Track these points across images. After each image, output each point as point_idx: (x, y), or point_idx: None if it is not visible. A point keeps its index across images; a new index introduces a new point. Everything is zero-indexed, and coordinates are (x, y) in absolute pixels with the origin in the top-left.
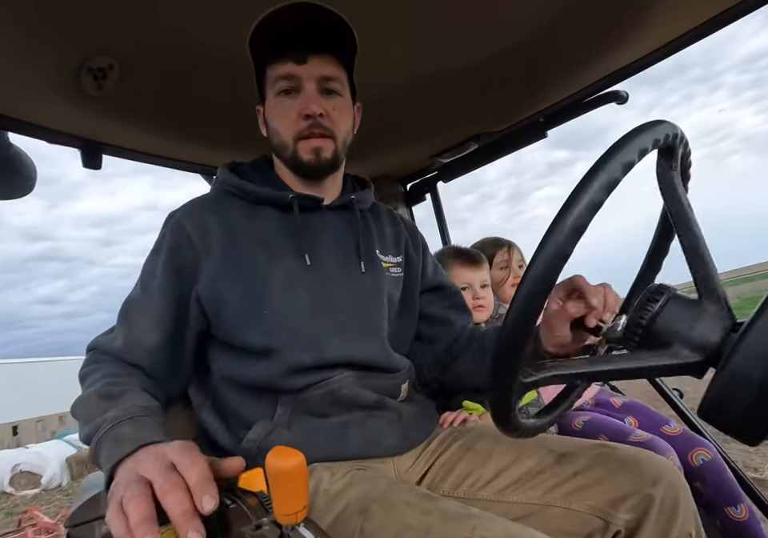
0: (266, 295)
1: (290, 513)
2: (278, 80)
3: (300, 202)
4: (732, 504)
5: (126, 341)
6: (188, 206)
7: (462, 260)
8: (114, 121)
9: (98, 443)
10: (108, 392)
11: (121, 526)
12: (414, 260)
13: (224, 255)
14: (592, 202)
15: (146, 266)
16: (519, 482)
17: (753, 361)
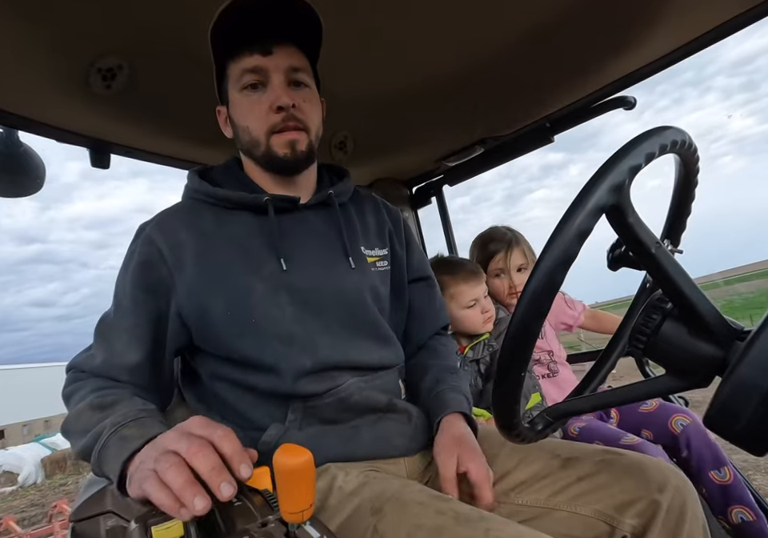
0: (250, 304)
1: (296, 511)
2: (244, 74)
3: (275, 203)
4: (716, 468)
5: (105, 360)
6: (158, 219)
7: (464, 276)
8: (122, 120)
9: (102, 450)
10: (100, 403)
11: (168, 497)
12: (399, 251)
13: (200, 266)
14: (597, 205)
15: (117, 284)
16: (524, 484)
17: (760, 370)
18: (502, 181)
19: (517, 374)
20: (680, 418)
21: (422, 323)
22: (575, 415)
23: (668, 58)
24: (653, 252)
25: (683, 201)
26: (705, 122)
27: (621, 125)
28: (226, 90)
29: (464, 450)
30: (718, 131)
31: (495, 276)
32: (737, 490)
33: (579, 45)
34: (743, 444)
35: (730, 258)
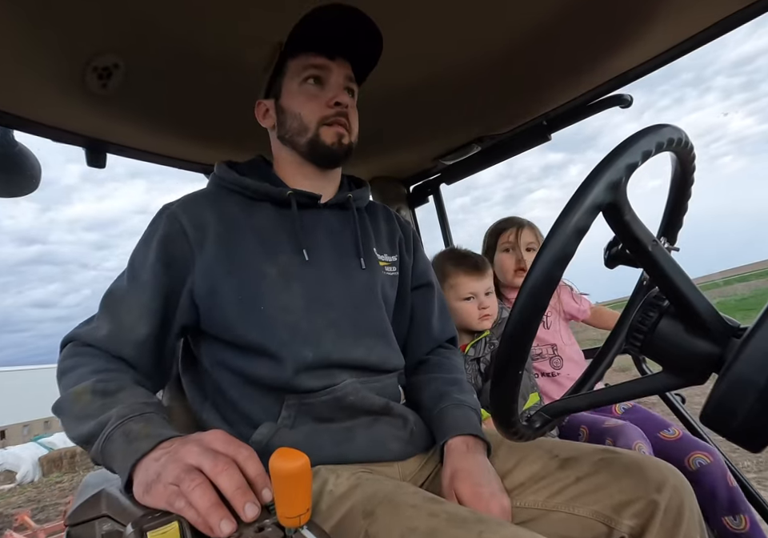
0: (261, 290)
1: (294, 516)
2: (308, 68)
3: (297, 198)
4: (731, 514)
5: (111, 332)
6: (185, 200)
7: (466, 268)
8: (118, 120)
9: (105, 442)
10: (103, 389)
11: (192, 514)
12: (407, 260)
13: (219, 249)
14: (595, 203)
15: (136, 256)
16: (522, 486)
17: (755, 367)
18: (502, 181)
19: (515, 371)
20: (699, 456)
21: (423, 333)
22: (573, 412)
23: (664, 55)
24: (649, 250)
25: (679, 199)
26: (705, 122)
27: (621, 125)
28: (280, 85)
29: (465, 489)
30: (718, 131)
31: (504, 251)
32: None
33: (576, 43)
34: (739, 441)
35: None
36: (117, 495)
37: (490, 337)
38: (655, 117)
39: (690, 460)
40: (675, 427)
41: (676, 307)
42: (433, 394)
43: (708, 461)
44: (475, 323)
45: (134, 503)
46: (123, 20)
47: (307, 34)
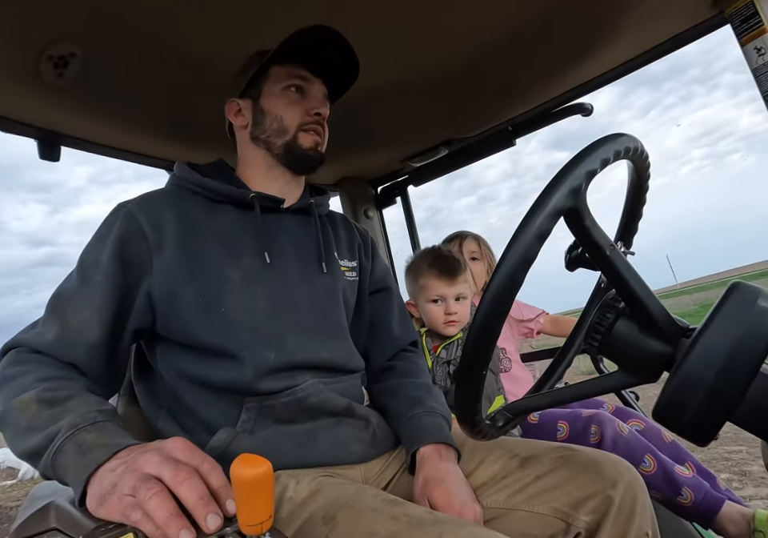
0: (222, 293)
1: (255, 523)
2: (293, 77)
3: (261, 202)
4: (678, 463)
5: (59, 336)
6: (142, 198)
7: (438, 270)
8: (74, 112)
9: (56, 454)
10: (51, 398)
11: (150, 527)
12: (365, 265)
13: (179, 251)
14: (556, 207)
15: (88, 255)
16: (485, 486)
17: (703, 365)
18: (507, 180)
19: (479, 372)
20: (635, 423)
21: (384, 337)
22: (534, 411)
23: (624, 66)
24: (607, 254)
25: (635, 205)
26: (713, 119)
27: (626, 123)
28: (260, 86)
29: (438, 497)
30: (726, 128)
31: (472, 260)
32: (702, 480)
33: (542, 53)
34: (688, 435)
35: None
36: (67, 507)
37: (462, 339)
38: (662, 114)
39: (626, 425)
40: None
41: (631, 309)
42: (403, 400)
43: (642, 426)
44: (440, 327)
45: (87, 516)
46: (82, 7)
47: (298, 48)
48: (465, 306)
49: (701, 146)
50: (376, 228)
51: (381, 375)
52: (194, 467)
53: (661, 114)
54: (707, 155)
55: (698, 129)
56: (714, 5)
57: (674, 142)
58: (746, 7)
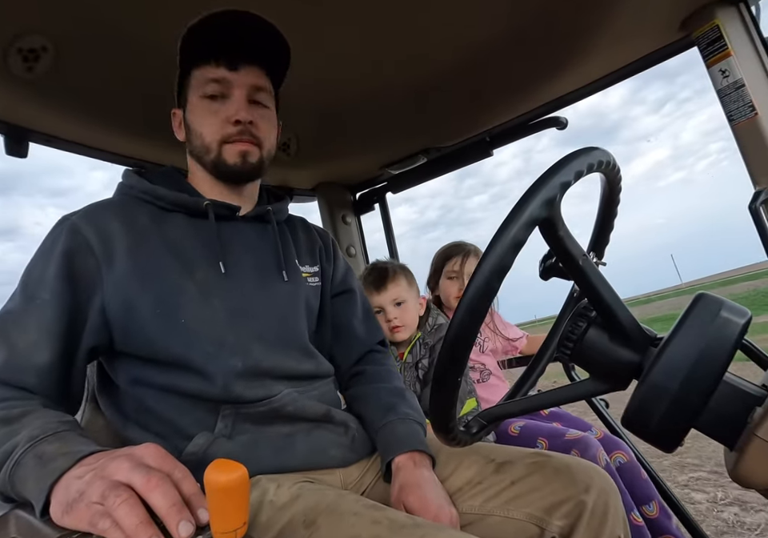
0: (179, 303)
1: (229, 531)
2: (208, 83)
3: (215, 210)
4: (645, 503)
5: (6, 361)
6: (87, 210)
7: (368, 283)
8: (44, 107)
9: (15, 467)
10: (4, 417)
11: (118, 535)
12: (327, 269)
13: (131, 263)
14: (531, 217)
15: (31, 273)
16: (460, 492)
17: (669, 373)
18: (520, 178)
19: (454, 378)
20: (619, 455)
21: (348, 338)
22: (508, 417)
23: (599, 83)
24: (580, 264)
25: (607, 217)
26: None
27: (639, 118)
28: (186, 95)
29: (413, 501)
30: None
31: (448, 278)
32: (662, 521)
33: (518, 66)
34: (655, 442)
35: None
36: (28, 517)
37: (422, 338)
38: (677, 108)
39: (612, 458)
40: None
41: (602, 318)
42: (377, 406)
43: (626, 459)
44: (388, 336)
45: (49, 526)
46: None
47: (203, 43)
48: (405, 310)
49: (719, 139)
50: (354, 234)
51: (351, 380)
52: (167, 473)
53: (676, 108)
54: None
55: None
56: (682, 27)
57: (691, 136)
58: (712, 31)
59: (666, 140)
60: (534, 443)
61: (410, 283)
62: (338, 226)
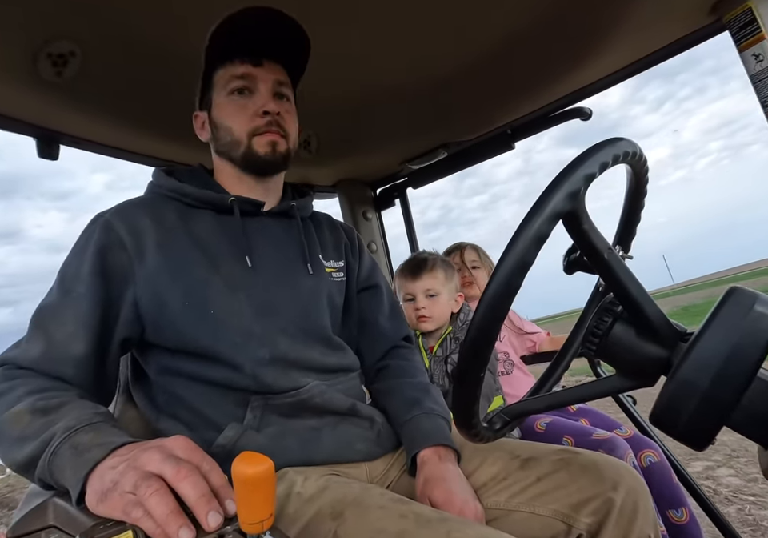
0: (207, 295)
1: (256, 522)
2: (233, 79)
3: (240, 205)
4: (674, 507)
5: (45, 352)
6: (119, 208)
7: (403, 270)
8: (73, 110)
9: (52, 459)
10: (43, 407)
11: (150, 524)
12: (352, 264)
13: (160, 258)
14: (555, 211)
15: (68, 268)
16: (485, 487)
17: (700, 370)
18: (519, 177)
19: (476, 375)
20: (649, 454)
21: (374, 334)
22: (531, 414)
23: (623, 72)
24: (605, 257)
25: (633, 209)
26: (730, 111)
27: (639, 117)
28: (210, 97)
29: (438, 495)
30: (744, 119)
31: (457, 270)
32: (691, 529)
33: (541, 57)
34: (685, 440)
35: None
36: (65, 504)
37: (453, 333)
38: (675, 107)
39: (641, 458)
40: (626, 426)
41: (628, 313)
42: (402, 401)
43: (656, 459)
44: (414, 324)
45: (85, 514)
46: (81, 6)
47: (226, 43)
48: (436, 302)
49: (719, 137)
50: (375, 230)
51: (376, 375)
52: (196, 464)
53: (675, 107)
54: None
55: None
56: (713, 11)
57: (691, 135)
58: (745, 14)
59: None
60: (559, 441)
61: (448, 278)
62: (359, 223)
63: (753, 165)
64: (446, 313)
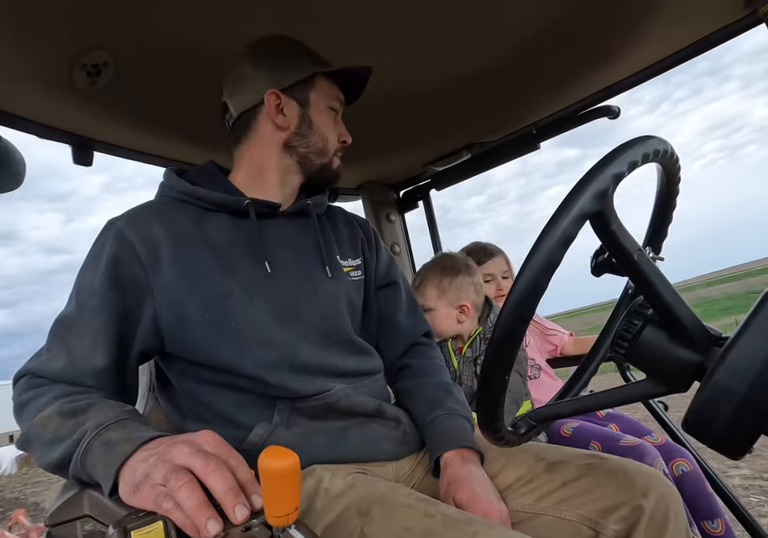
0: (227, 307)
1: (281, 515)
2: (335, 99)
3: (256, 208)
4: (709, 518)
5: (67, 364)
6: (131, 214)
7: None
8: (106, 118)
9: (84, 456)
10: (71, 409)
11: (179, 515)
12: (370, 260)
13: (176, 269)
14: (582, 211)
15: (82, 280)
16: (510, 489)
17: (736, 375)
18: (516, 178)
19: (501, 378)
20: (681, 463)
21: (393, 331)
22: (557, 418)
23: (651, 69)
24: (635, 259)
25: (665, 209)
26: (726, 112)
27: (635, 118)
28: (308, 93)
29: (462, 495)
30: (739, 120)
31: (486, 282)
32: None
33: (566, 55)
34: (720, 448)
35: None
36: (99, 495)
37: (483, 333)
38: (672, 108)
39: (673, 467)
40: (657, 433)
41: (660, 316)
42: (423, 402)
43: (689, 468)
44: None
45: (118, 504)
46: (114, 17)
47: (343, 74)
48: (433, 318)
49: (714, 138)
50: (398, 232)
51: (397, 375)
52: (224, 459)
53: (672, 107)
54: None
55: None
56: (747, 4)
57: (687, 136)
58: None
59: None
60: (586, 446)
61: (442, 291)
62: (383, 225)
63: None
64: (449, 325)
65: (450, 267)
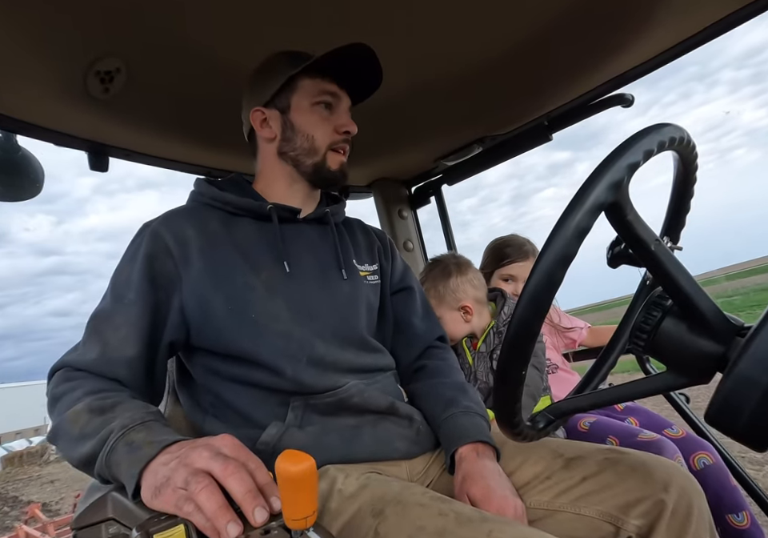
0: (250, 299)
1: (300, 518)
2: (322, 93)
3: (278, 212)
4: (733, 511)
5: (101, 354)
6: (165, 216)
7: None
8: (120, 124)
9: (109, 455)
10: (100, 406)
11: (200, 518)
12: (386, 267)
13: (204, 264)
14: (597, 202)
15: (119, 276)
16: (528, 486)
17: (760, 365)
18: (508, 181)
19: (517, 372)
20: (703, 456)
21: (408, 335)
22: (576, 412)
23: (664, 55)
24: (652, 249)
25: (682, 198)
26: (714, 116)
27: (626, 121)
28: (289, 99)
29: (476, 491)
30: (728, 124)
31: (503, 280)
32: (753, 534)
33: (577, 44)
34: (744, 440)
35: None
36: (122, 499)
37: (496, 327)
38: (661, 112)
39: (694, 460)
40: (678, 426)
41: (679, 307)
42: (438, 400)
43: (711, 461)
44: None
45: (141, 507)
46: (126, 24)
47: (329, 62)
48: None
49: (704, 142)
50: (411, 228)
51: (412, 376)
52: (242, 461)
53: (661, 111)
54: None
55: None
56: None
57: None
58: None
59: None
60: (603, 441)
61: (439, 299)
62: (395, 221)
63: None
64: (457, 327)
65: (439, 272)
